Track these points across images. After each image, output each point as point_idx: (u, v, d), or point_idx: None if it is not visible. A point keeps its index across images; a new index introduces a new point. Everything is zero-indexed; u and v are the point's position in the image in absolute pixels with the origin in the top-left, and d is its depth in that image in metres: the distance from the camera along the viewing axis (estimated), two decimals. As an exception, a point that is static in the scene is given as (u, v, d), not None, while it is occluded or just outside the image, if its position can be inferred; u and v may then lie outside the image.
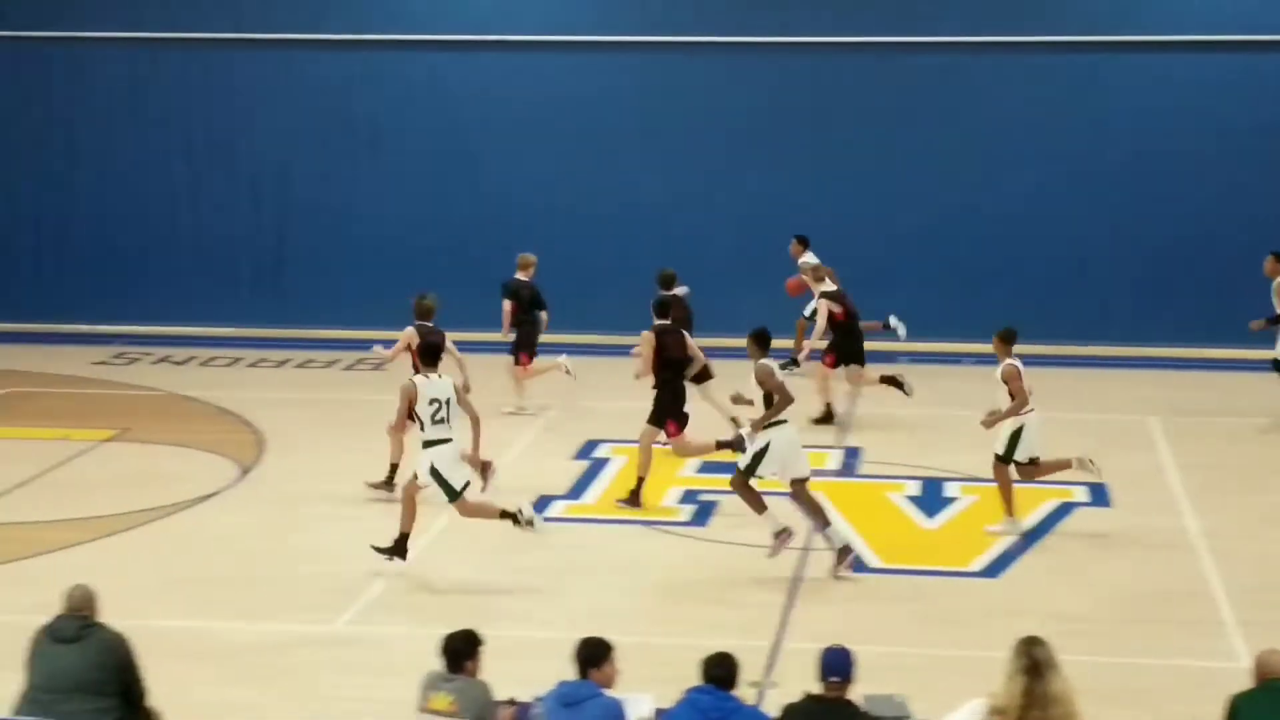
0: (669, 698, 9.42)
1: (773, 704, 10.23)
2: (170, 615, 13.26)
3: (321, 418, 19.51)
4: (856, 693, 9.16)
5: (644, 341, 16.42)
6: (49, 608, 9.85)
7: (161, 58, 23.82)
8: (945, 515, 16.25)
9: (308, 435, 18.84)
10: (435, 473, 14.20)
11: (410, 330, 16.69)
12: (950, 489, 16.99)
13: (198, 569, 14.63)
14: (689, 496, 16.63)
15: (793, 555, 14.69)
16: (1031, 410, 15.39)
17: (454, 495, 14.30)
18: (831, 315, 19.37)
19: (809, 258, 20.65)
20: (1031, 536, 15.52)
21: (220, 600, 13.82)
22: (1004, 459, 15.44)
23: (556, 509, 16.29)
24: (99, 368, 22.08)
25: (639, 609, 13.80)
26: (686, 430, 16.62)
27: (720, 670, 9.19)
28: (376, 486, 16.46)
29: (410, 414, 14.24)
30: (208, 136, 23.99)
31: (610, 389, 20.15)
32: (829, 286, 19.57)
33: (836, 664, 9.14)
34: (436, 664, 9.37)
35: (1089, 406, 20.41)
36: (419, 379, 14.40)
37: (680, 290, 18.62)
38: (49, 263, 24.21)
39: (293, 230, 23.95)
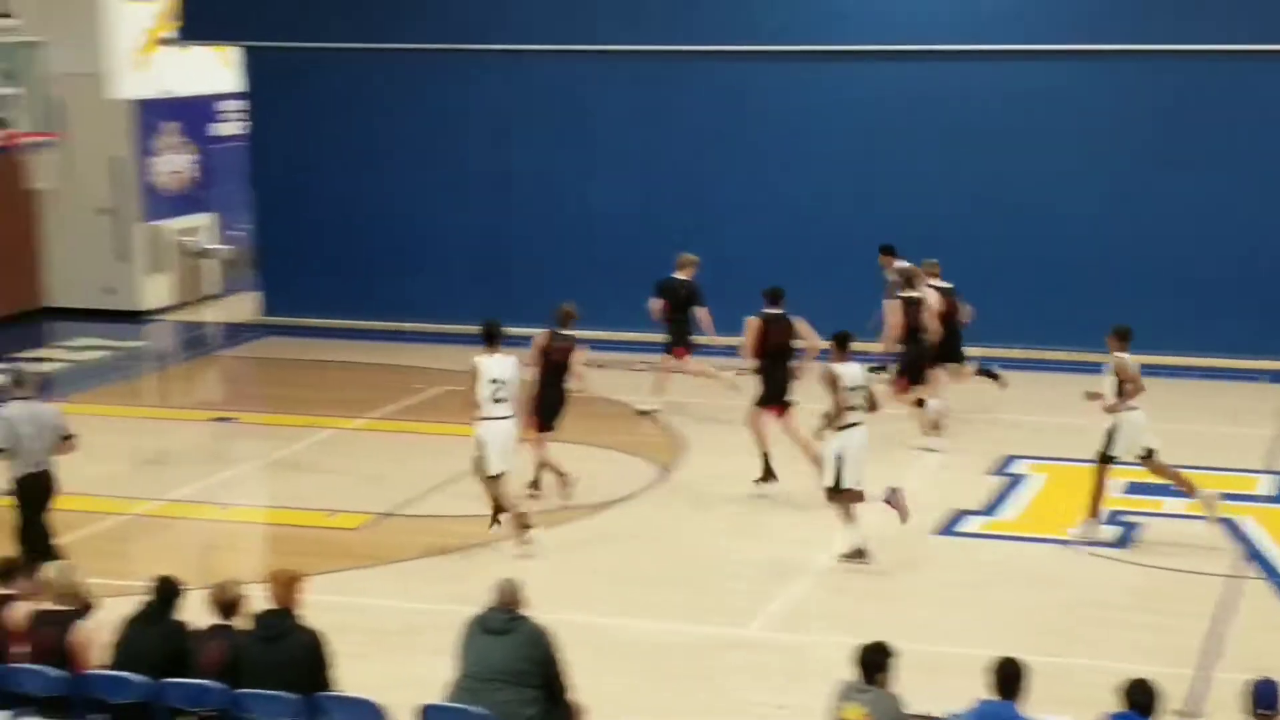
0: (1086, 721, 9.23)
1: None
2: (589, 612, 13.55)
3: (742, 423, 19.64)
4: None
5: (749, 328, 16.70)
6: (478, 599, 10.19)
7: (611, 65, 24.30)
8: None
9: (726, 438, 19.00)
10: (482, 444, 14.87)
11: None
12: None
13: (616, 568, 14.93)
14: (1115, 517, 16.20)
15: (1221, 581, 14.20)
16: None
17: (486, 474, 14.97)
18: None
19: (901, 264, 20.04)
20: None
21: (637, 599, 14.07)
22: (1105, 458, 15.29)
23: (972, 524, 16.09)
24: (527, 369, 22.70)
25: (1055, 628, 13.52)
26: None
27: (1142, 697, 8.95)
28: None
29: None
30: (609, 142, 24.36)
31: (1037, 403, 19.92)
32: (928, 285, 19.07)
33: (1268, 696, 8.80)
34: (849, 673, 9.37)
35: None
36: (482, 358, 15.00)
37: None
38: (488, 267, 24.98)
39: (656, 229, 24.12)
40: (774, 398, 16.92)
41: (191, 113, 27.53)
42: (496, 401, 15.01)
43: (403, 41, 24.60)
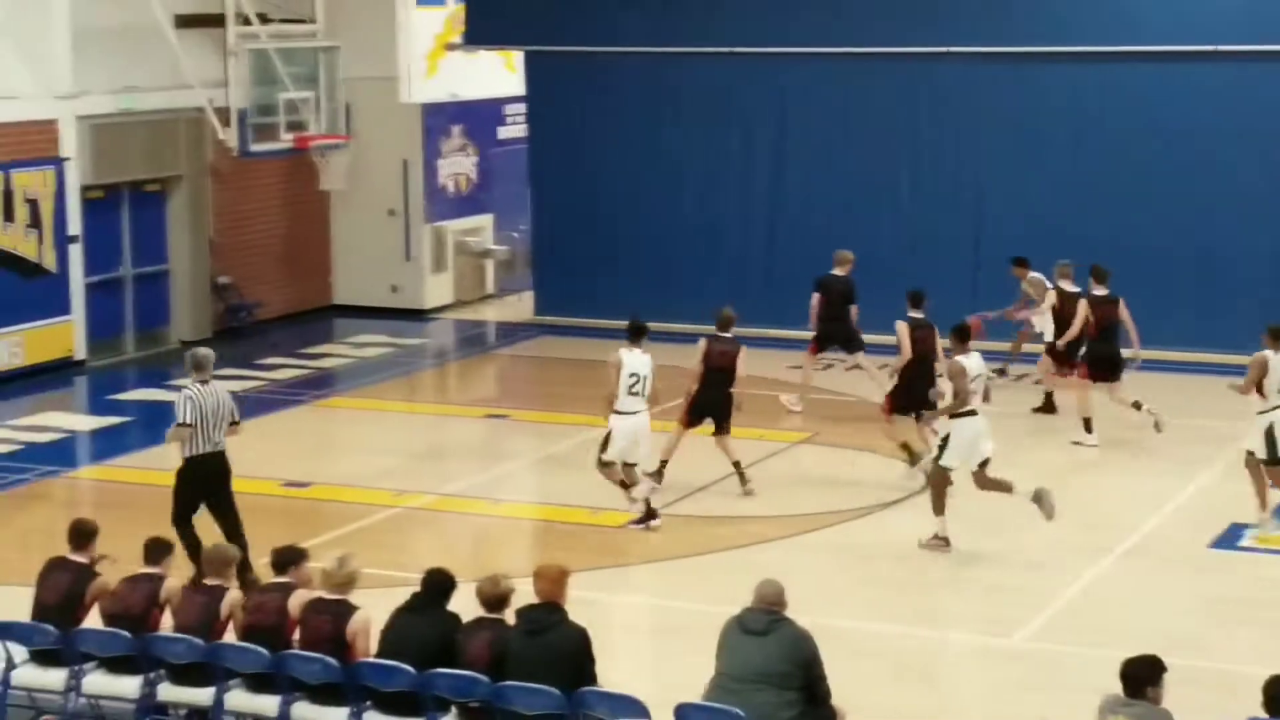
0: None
1: None
2: (850, 616, 13.53)
3: (1008, 430, 19.39)
4: None
5: (900, 332, 16.93)
6: (739, 599, 10.25)
7: (876, 70, 24.24)
8: None
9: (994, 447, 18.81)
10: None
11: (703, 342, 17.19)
12: None
13: (880, 572, 14.89)
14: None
15: None
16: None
17: (609, 461, 15.74)
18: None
19: (1034, 275, 20.62)
20: None
21: (901, 605, 14.01)
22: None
23: (1252, 538, 15.68)
24: (795, 372, 22.74)
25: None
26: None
27: None
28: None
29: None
30: (916, 151, 24.26)
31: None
32: (1055, 287, 19.51)
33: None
34: (1115, 687, 9.21)
35: None
36: (624, 352, 15.74)
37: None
38: (757, 270, 25.09)
39: (986, 244, 23.89)
40: (913, 405, 17.13)
41: (476, 116, 28.14)
42: (632, 395, 15.67)
43: (679, 45, 24.82)
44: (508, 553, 16.02)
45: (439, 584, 10.73)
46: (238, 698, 10.86)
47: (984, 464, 15.37)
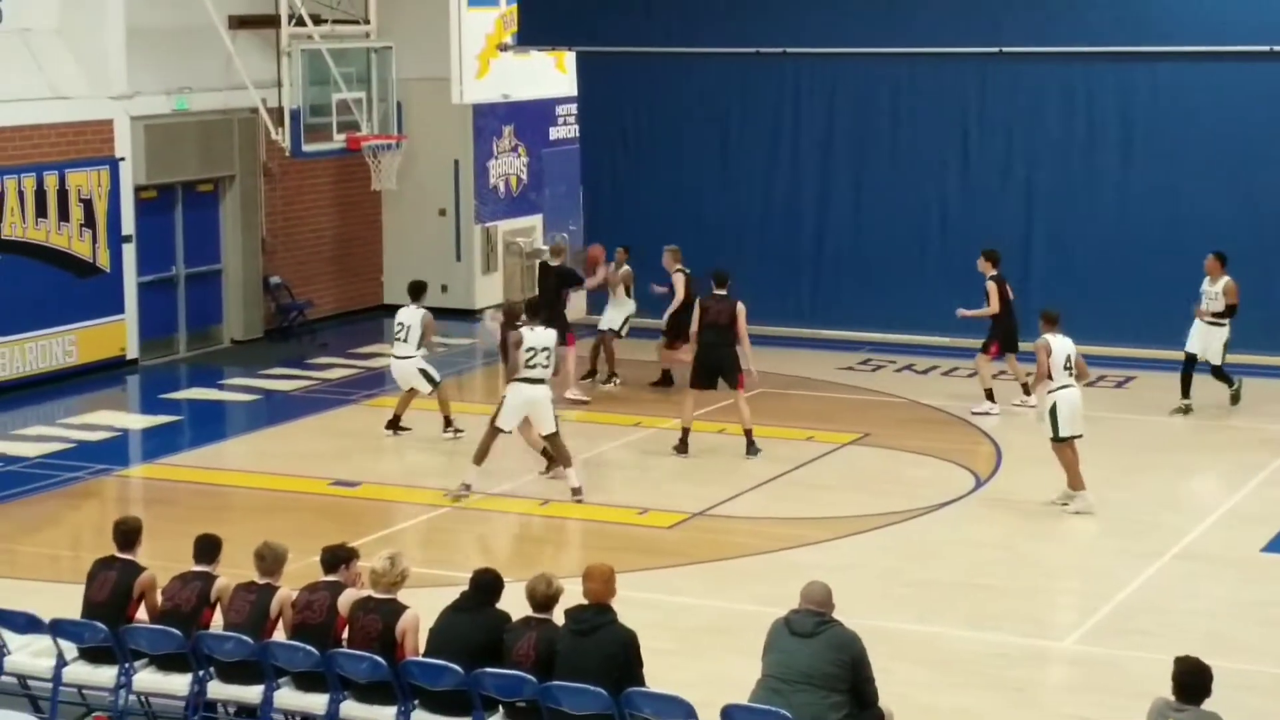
0: None
1: None
2: (900, 618, 13.49)
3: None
4: None
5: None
6: (786, 600, 10.23)
7: (919, 72, 24.19)
8: None
9: (1045, 450, 18.71)
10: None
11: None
12: None
13: (930, 574, 14.84)
14: None
15: None
16: None
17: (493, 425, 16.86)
18: None
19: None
20: None
21: (950, 607, 13.96)
22: None
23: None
24: (845, 373, 22.72)
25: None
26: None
27: None
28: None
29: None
30: (965, 151, 24.17)
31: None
32: None
33: None
34: (1166, 691, 9.16)
35: None
36: (525, 330, 16.80)
37: None
38: (807, 270, 25.06)
39: (1037, 245, 23.77)
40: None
41: (527, 116, 28.20)
42: (529, 367, 16.68)
43: (730, 45, 24.81)
44: (555, 553, 16.07)
45: (487, 584, 10.75)
46: (286, 696, 10.91)
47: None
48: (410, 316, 19.35)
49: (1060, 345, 16.48)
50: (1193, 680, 9.07)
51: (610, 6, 25.46)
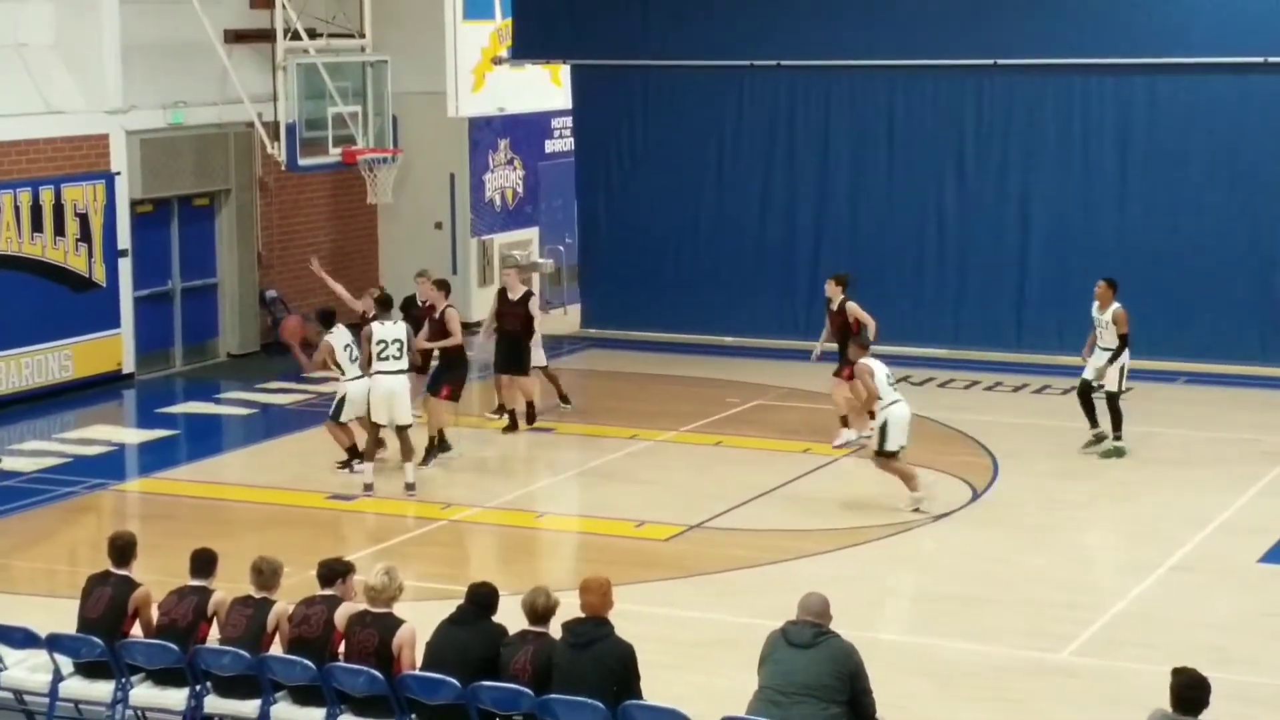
0: None
1: None
2: (896, 630, 13.50)
3: (1056, 444, 19.37)
4: None
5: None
6: (784, 612, 10.22)
7: (914, 84, 24.20)
8: None
9: (1041, 461, 18.76)
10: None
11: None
12: None
13: (927, 586, 14.84)
14: None
15: None
16: None
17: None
18: None
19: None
20: None
21: (948, 619, 13.95)
22: None
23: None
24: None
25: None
26: None
27: None
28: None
29: None
30: (961, 163, 24.19)
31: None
32: None
33: None
34: (1163, 702, 9.14)
35: None
36: (374, 325, 17.66)
37: None
38: (803, 282, 25.05)
39: (1034, 256, 23.83)
40: None
41: (523, 130, 28.21)
42: (381, 359, 17.39)
43: (725, 58, 24.83)
44: (551, 566, 16.04)
45: (484, 597, 10.74)
46: (283, 710, 10.88)
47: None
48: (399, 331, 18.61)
49: (879, 365, 17.07)
50: (1191, 692, 9.05)
51: (605, 20, 25.50)
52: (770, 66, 24.67)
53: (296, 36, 23.67)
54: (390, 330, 17.62)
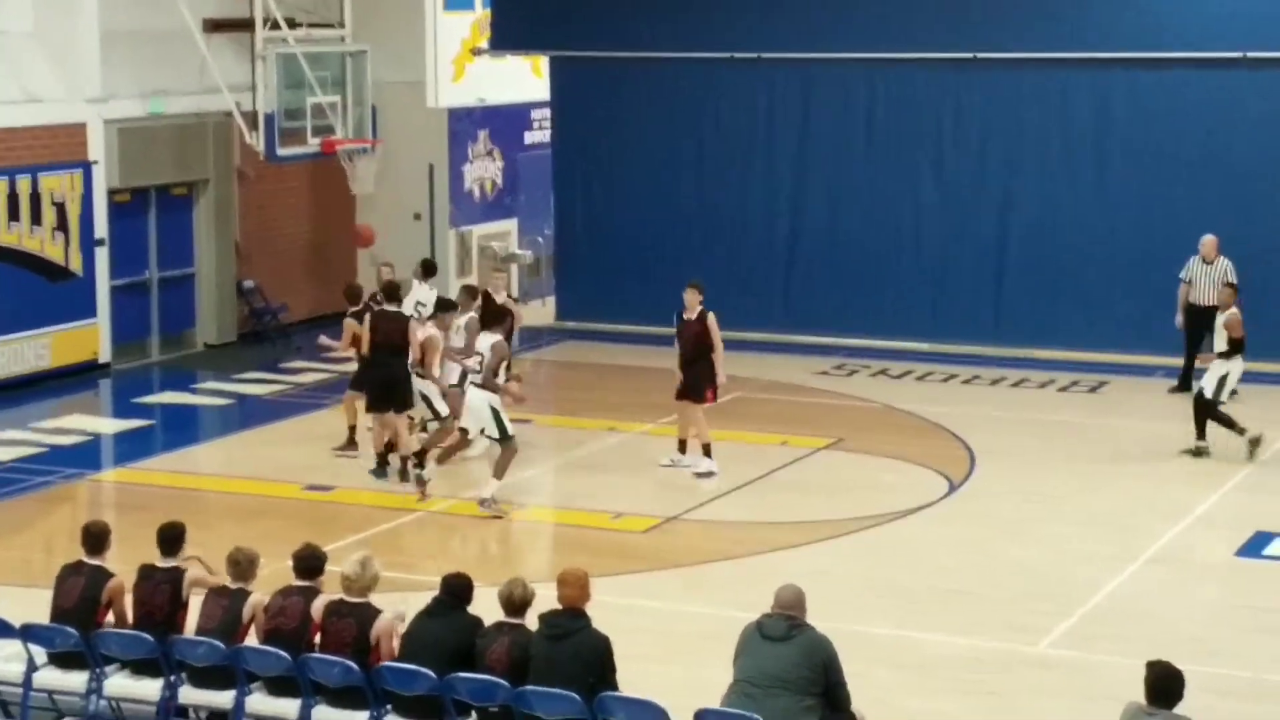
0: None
1: None
2: (873, 622, 13.48)
3: (1033, 438, 19.41)
4: None
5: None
6: (760, 605, 10.21)
7: (893, 77, 24.22)
8: None
9: (1018, 454, 18.78)
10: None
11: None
12: None
13: (904, 579, 14.84)
14: None
15: None
16: None
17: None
18: None
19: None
20: None
21: (924, 611, 13.96)
22: None
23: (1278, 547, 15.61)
24: (821, 378, 22.72)
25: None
26: None
27: None
28: None
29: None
30: (940, 156, 24.21)
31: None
32: None
33: None
34: (1139, 695, 9.16)
35: None
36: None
37: None
38: (780, 276, 25.07)
39: (1012, 250, 23.86)
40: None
41: (502, 121, 28.16)
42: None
43: (704, 50, 24.81)
44: (528, 557, 16.03)
45: (458, 588, 10.71)
46: (258, 701, 10.86)
47: None
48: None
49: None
50: (1165, 684, 9.07)
51: (584, 11, 25.46)
52: (750, 59, 24.66)
53: (276, 26, 23.60)
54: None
